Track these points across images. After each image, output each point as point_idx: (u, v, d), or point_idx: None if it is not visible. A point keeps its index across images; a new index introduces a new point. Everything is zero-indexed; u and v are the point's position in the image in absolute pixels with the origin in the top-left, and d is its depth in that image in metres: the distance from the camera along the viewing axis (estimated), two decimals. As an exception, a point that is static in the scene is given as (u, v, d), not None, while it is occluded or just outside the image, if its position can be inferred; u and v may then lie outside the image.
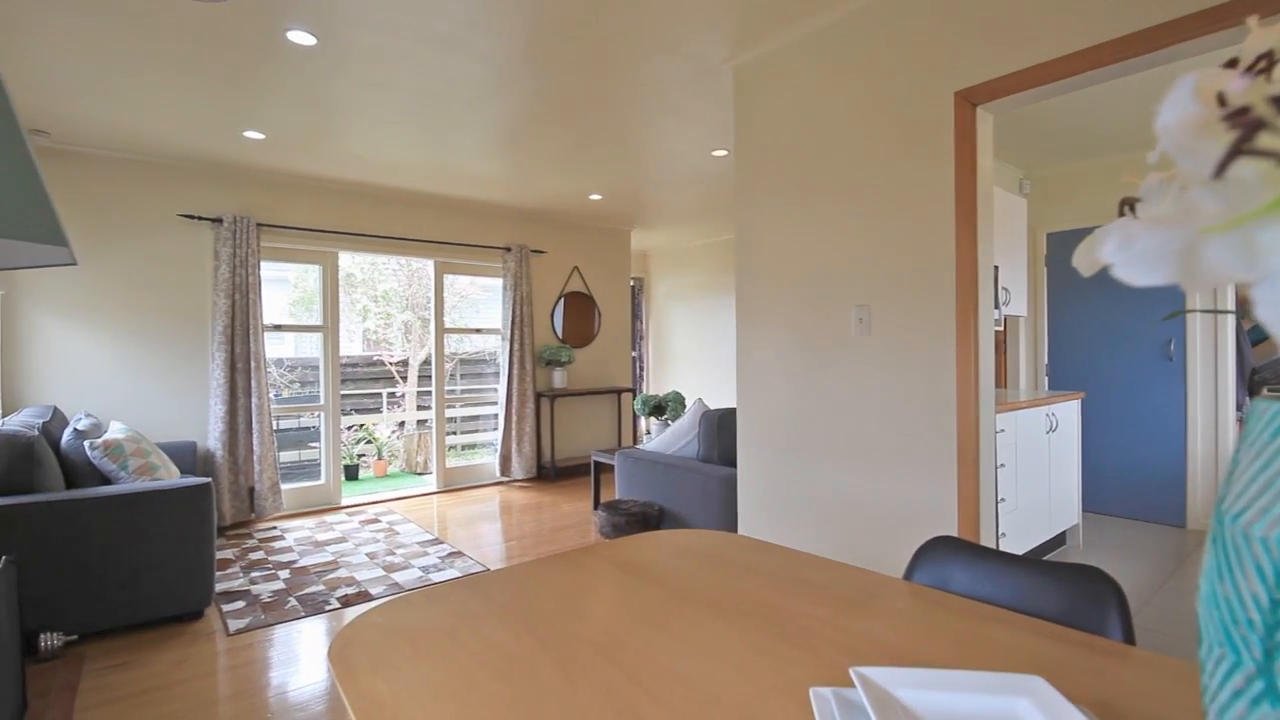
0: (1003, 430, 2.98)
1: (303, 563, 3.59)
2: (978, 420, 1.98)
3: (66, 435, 2.97)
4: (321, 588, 3.20)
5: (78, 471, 2.88)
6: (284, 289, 6.47)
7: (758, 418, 2.70)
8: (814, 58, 2.49)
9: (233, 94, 3.12)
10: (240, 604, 3.00)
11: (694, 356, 7.59)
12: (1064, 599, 1.01)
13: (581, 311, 6.31)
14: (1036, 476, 3.25)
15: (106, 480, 2.91)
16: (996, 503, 2.08)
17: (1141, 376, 4.19)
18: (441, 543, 3.95)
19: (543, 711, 0.74)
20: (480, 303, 6.52)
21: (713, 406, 7.16)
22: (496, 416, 5.98)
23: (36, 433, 2.68)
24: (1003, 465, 2.98)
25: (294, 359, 6.26)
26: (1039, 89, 1.91)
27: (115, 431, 3.14)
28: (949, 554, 1.13)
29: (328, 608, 2.96)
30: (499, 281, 5.94)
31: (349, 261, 7.51)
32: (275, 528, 4.31)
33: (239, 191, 4.46)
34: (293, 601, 3.03)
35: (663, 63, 2.81)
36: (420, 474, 6.53)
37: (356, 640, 0.94)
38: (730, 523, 2.97)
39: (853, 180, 2.35)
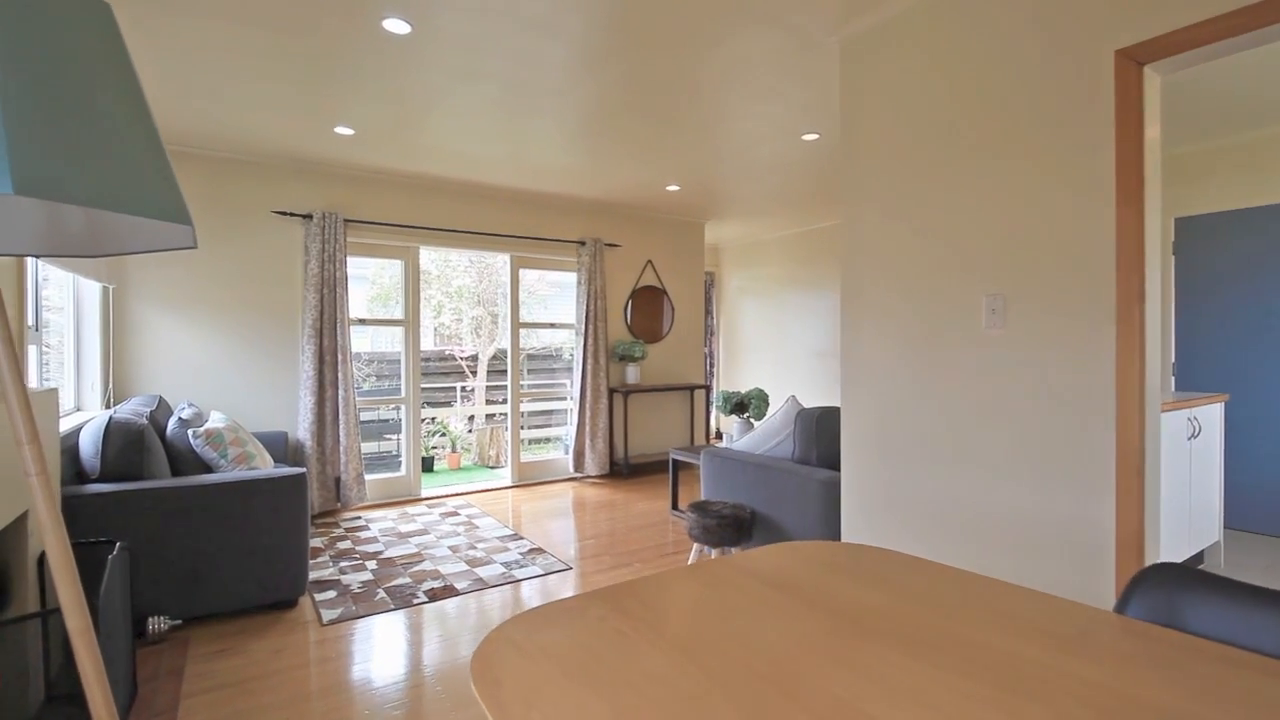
0: (1139, 435, 2.67)
1: (388, 554, 3.61)
2: (1143, 424, 1.73)
3: (171, 424, 3.06)
4: (408, 580, 3.20)
5: (181, 459, 2.97)
6: (363, 286, 6.63)
7: (866, 417, 2.50)
8: (937, 21, 2.27)
9: (327, 88, 3.14)
10: (332, 594, 3.03)
11: (766, 353, 7.36)
12: (1355, 651, 0.81)
13: (654, 306, 6.20)
14: (1175, 488, 2.91)
15: (208, 468, 2.98)
16: (1159, 519, 1.82)
17: (1289, 377, 3.73)
18: (521, 538, 3.91)
19: (743, 770, 0.62)
20: (549, 299, 6.49)
21: (787, 405, 6.91)
22: (566, 412, 5.95)
23: (145, 421, 2.76)
24: (1139, 474, 2.67)
25: (370, 353, 6.42)
26: (1223, 43, 1.65)
27: (215, 421, 3.23)
28: (1177, 585, 0.94)
29: (415, 601, 2.94)
30: (569, 276, 5.89)
31: (426, 257, 7.66)
32: (360, 518, 4.38)
33: (328, 188, 4.55)
34: (381, 593, 3.03)
35: (759, 38, 2.64)
36: (493, 467, 6.58)
37: (498, 661, 0.84)
38: (831, 530, 2.78)
39: (985, 156, 2.12)
